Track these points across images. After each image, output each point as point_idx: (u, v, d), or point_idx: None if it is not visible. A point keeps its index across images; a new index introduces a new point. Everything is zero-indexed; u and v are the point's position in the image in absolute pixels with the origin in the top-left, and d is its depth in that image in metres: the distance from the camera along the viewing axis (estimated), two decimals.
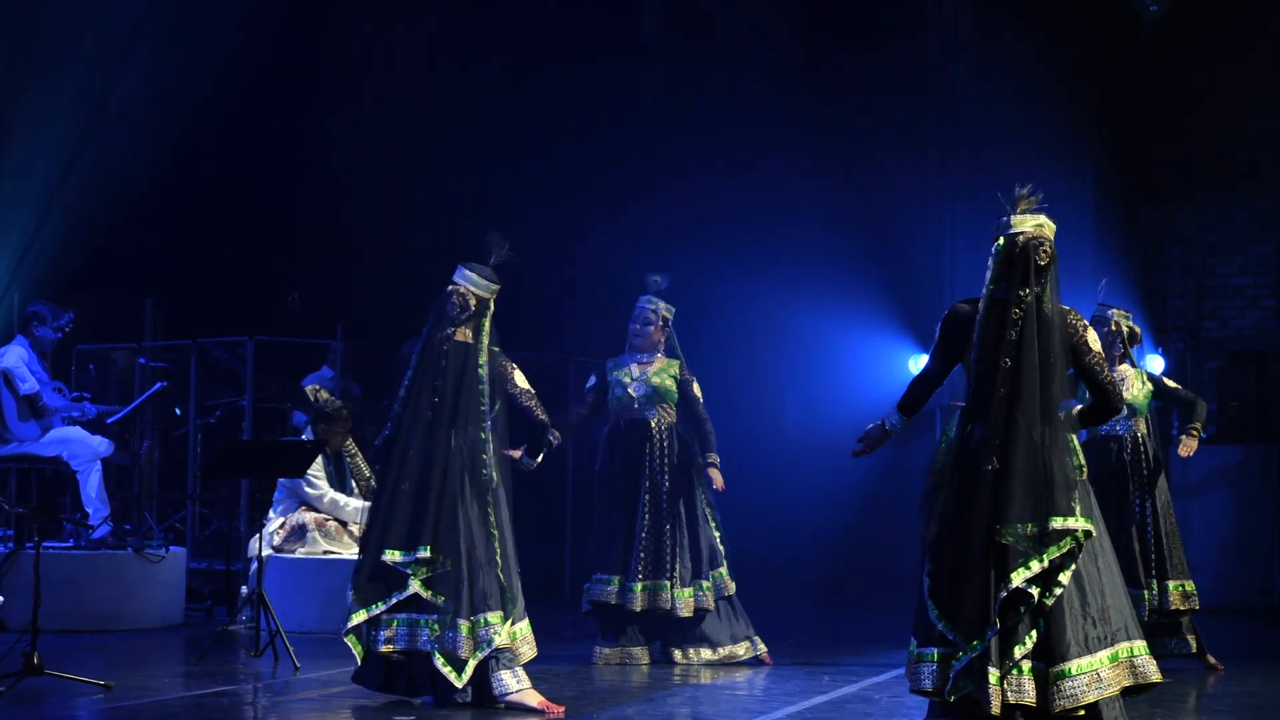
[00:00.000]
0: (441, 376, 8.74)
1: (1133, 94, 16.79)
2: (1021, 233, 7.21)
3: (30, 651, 9.06)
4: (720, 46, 18.20)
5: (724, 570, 11.03)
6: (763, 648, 10.92)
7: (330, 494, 12.47)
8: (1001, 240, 7.25)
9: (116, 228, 16.57)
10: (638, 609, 10.75)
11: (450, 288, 8.84)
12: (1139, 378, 10.97)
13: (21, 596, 9.63)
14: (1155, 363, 16.28)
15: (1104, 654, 6.98)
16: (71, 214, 16.39)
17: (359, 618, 8.65)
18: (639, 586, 10.80)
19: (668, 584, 10.81)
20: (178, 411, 15.51)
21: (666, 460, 11.01)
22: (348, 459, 12.58)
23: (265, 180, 17.50)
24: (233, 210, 17.34)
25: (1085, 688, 6.92)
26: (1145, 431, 10.91)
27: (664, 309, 11.13)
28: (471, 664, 8.41)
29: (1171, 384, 11.20)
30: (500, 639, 8.47)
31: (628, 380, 11.03)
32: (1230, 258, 17.20)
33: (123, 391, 14.93)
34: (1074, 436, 7.28)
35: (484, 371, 8.74)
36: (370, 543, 8.78)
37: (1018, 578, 6.92)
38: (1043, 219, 7.27)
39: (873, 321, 16.69)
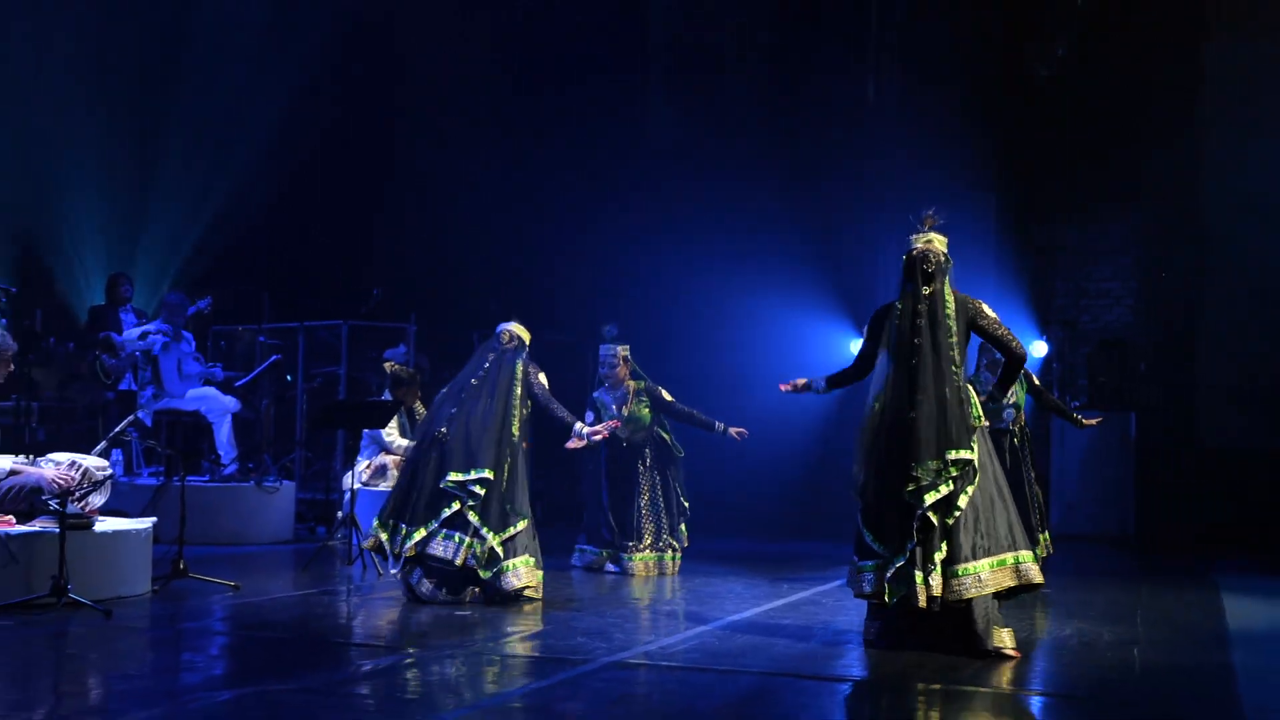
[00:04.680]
0: (482, 370, 9.29)
1: (1026, 135, 16.83)
2: (915, 248, 7.54)
3: (177, 559, 9.29)
4: (707, 85, 18.33)
5: (684, 528, 11.27)
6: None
7: (398, 440, 12.59)
8: (905, 255, 7.56)
9: (243, 234, 16.75)
10: (639, 575, 10.92)
11: (501, 328, 9.51)
12: (1019, 383, 11.06)
13: (170, 518, 9.75)
14: (1039, 347, 16.40)
15: (986, 561, 7.27)
16: (208, 223, 16.59)
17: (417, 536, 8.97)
18: (638, 557, 10.99)
19: (657, 554, 11.05)
20: (289, 378, 15.61)
21: (651, 462, 11.18)
22: (418, 416, 12.68)
23: (356, 198, 17.66)
24: (331, 221, 17.48)
25: (969, 585, 7.20)
26: (1024, 422, 10.99)
27: (620, 351, 11.20)
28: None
29: (1037, 382, 11.23)
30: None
31: (610, 414, 11.12)
32: (1102, 266, 17.23)
33: (246, 363, 15.05)
34: (975, 395, 7.51)
35: (519, 376, 9.28)
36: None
37: (930, 498, 7.17)
38: (933, 236, 7.57)
39: (818, 310, 16.79)
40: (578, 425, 9.48)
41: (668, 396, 11.19)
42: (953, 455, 7.24)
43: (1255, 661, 7.69)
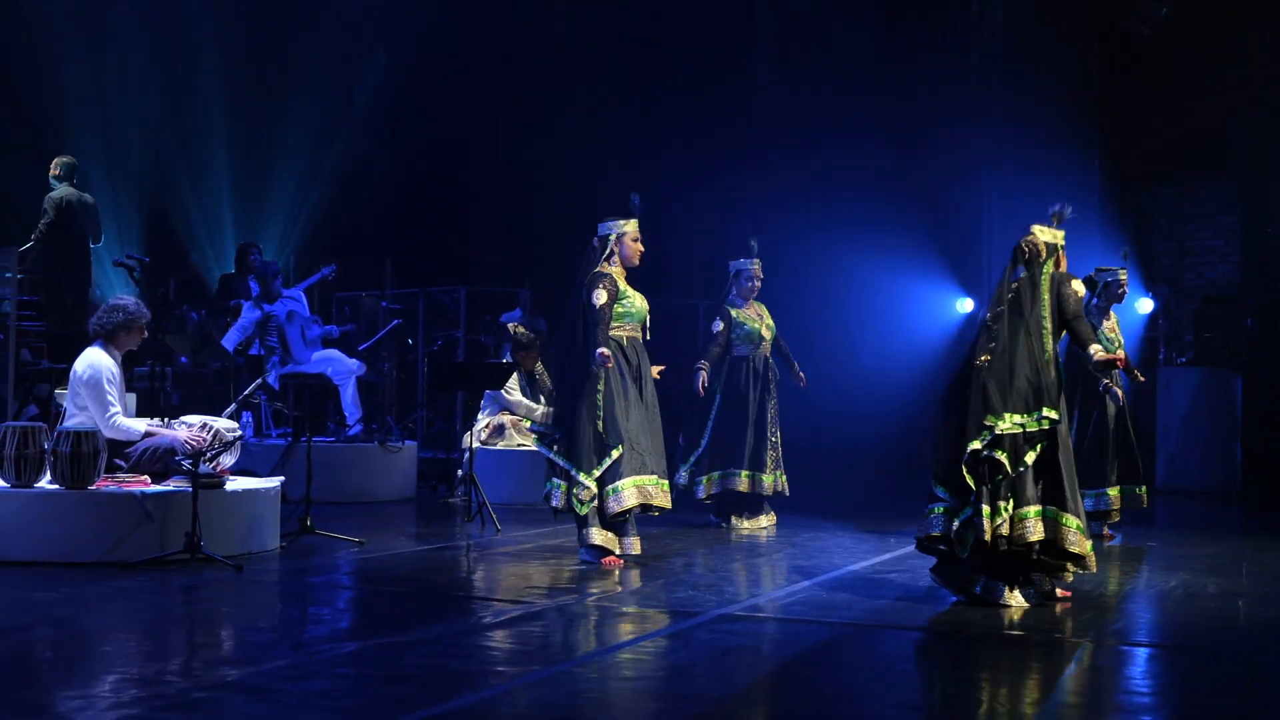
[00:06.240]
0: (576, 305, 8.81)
1: (1130, 97, 16.56)
2: (1025, 237, 7.47)
3: (305, 517, 9.42)
4: (815, 51, 18.17)
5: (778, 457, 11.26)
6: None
7: (520, 400, 12.66)
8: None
9: (364, 204, 16.91)
10: (766, 492, 10.96)
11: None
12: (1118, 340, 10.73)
13: (298, 477, 9.87)
14: (1144, 304, 16.14)
15: (1033, 508, 7.19)
16: (332, 193, 16.76)
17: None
18: (744, 474, 10.98)
19: (755, 473, 11.01)
20: (410, 342, 15.75)
21: (761, 387, 11.12)
22: (538, 376, 12.73)
23: (472, 168, 17.74)
24: (448, 191, 17.58)
25: (1031, 529, 7.15)
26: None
27: (759, 267, 11.19)
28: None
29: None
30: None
31: (753, 326, 11.08)
32: (1205, 225, 16.94)
33: (369, 327, 15.21)
34: (1058, 361, 7.44)
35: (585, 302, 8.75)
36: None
37: (977, 443, 7.11)
38: (1035, 228, 7.47)
39: (923, 269, 16.67)
40: (599, 353, 8.48)
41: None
42: (1046, 412, 7.17)
43: None
